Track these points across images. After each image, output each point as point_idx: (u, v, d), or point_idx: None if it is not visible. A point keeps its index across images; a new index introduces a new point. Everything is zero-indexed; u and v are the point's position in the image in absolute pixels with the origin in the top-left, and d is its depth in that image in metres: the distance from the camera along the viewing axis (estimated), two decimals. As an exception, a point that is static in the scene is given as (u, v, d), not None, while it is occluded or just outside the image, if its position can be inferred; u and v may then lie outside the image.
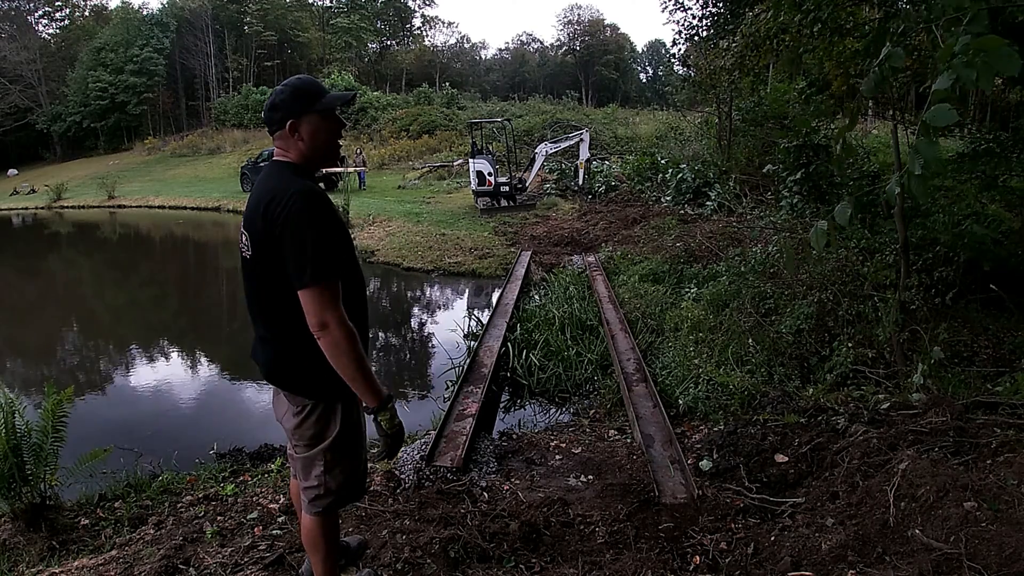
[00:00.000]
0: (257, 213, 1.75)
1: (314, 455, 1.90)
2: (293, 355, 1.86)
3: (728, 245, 7.85)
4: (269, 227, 1.73)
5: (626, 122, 27.02)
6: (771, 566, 2.23)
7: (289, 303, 1.77)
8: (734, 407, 3.85)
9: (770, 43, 5.05)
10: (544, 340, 5.35)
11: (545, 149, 14.48)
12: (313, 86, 1.85)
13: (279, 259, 1.74)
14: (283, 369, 1.89)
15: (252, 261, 1.81)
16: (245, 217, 1.82)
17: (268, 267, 1.78)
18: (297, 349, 1.83)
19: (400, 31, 50.30)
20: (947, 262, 4.45)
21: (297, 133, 1.80)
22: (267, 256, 1.76)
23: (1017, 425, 2.72)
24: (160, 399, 5.51)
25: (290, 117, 1.79)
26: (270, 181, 1.80)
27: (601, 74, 52.12)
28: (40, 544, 2.91)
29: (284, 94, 1.81)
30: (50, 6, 43.59)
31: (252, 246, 1.79)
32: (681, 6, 14.00)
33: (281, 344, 1.88)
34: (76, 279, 12.27)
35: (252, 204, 1.80)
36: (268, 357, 1.91)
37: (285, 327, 1.84)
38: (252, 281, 1.86)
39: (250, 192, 1.86)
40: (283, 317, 1.82)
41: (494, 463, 3.43)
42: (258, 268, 1.80)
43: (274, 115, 1.81)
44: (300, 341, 1.79)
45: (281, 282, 1.76)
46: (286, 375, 1.89)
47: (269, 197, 1.74)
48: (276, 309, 1.83)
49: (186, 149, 33.18)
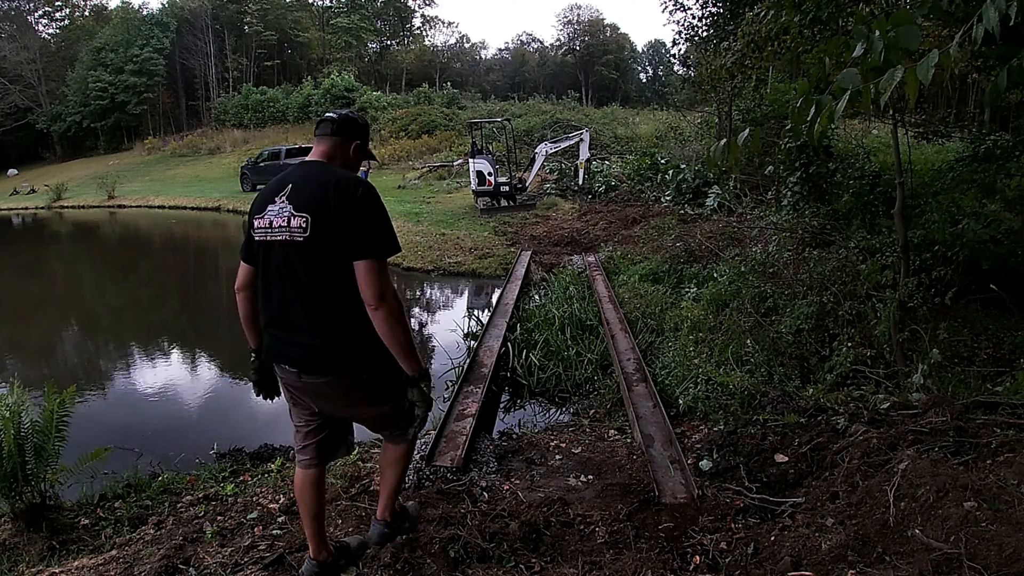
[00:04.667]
0: (323, 196, 1.95)
1: (381, 416, 2.21)
2: (343, 338, 2.01)
3: (728, 245, 7.85)
4: (338, 206, 1.93)
5: (626, 122, 27.02)
6: (771, 566, 2.23)
7: (343, 283, 1.95)
8: (734, 407, 3.85)
9: (771, 44, 5.05)
10: (544, 340, 5.35)
11: (545, 149, 14.48)
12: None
13: (341, 237, 1.93)
14: (329, 353, 2.01)
15: (310, 240, 1.94)
16: (301, 202, 1.97)
17: (326, 243, 1.94)
18: (344, 329, 2.00)
19: (400, 31, 50.29)
20: (946, 262, 4.45)
21: (351, 150, 2.16)
22: (329, 234, 1.93)
23: (1017, 425, 2.72)
24: (160, 399, 5.51)
25: (356, 139, 2.17)
26: (324, 172, 2.04)
27: (601, 74, 52.10)
28: (40, 544, 2.91)
29: (362, 121, 2.22)
30: (50, 6, 43.60)
31: (313, 226, 1.94)
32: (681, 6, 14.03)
33: (331, 328, 2.00)
34: (76, 279, 12.27)
35: (312, 190, 1.98)
36: (311, 347, 2.01)
37: (336, 310, 1.98)
38: (304, 263, 1.97)
39: (293, 184, 2.02)
40: (335, 300, 1.97)
41: (494, 463, 3.43)
42: (316, 246, 1.94)
43: (345, 128, 2.14)
44: (345, 321, 1.99)
45: (335, 259, 1.94)
46: (332, 359, 2.02)
47: (334, 182, 1.97)
48: (330, 291, 1.97)
49: (186, 149, 33.17)
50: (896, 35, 1.48)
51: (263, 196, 2.09)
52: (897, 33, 1.48)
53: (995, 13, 1.35)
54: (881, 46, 1.49)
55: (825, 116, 1.66)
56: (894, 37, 1.48)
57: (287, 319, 2.04)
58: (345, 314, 1.98)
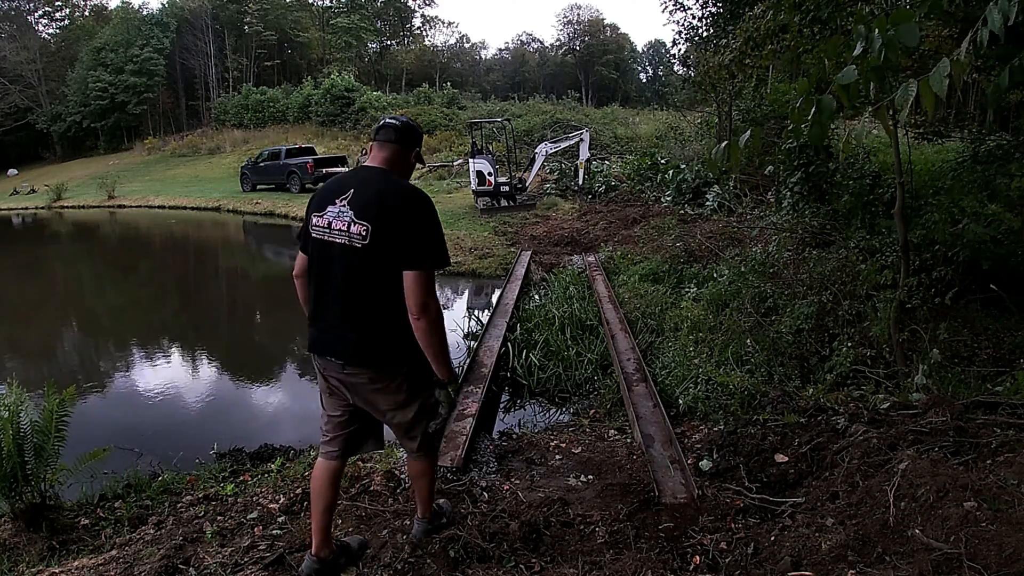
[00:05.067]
0: (381, 204, 2.05)
1: (409, 413, 2.24)
2: (388, 335, 2.14)
3: (728, 245, 7.85)
4: (398, 218, 2.04)
5: (626, 122, 27.01)
6: (771, 566, 2.23)
7: (391, 286, 2.07)
8: (734, 407, 3.85)
9: (771, 43, 5.05)
10: (544, 340, 5.35)
11: (545, 149, 14.48)
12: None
13: (397, 247, 2.04)
14: (376, 349, 2.14)
15: (368, 248, 2.04)
16: (363, 210, 2.06)
17: (383, 252, 2.04)
18: (392, 329, 2.13)
19: (400, 31, 50.30)
20: (947, 262, 4.45)
21: (411, 157, 2.26)
22: (385, 241, 2.04)
23: (1017, 425, 2.72)
24: (160, 399, 5.51)
25: (416, 147, 2.27)
26: (385, 181, 2.14)
27: (601, 74, 52.09)
28: (40, 544, 2.91)
29: (419, 129, 2.32)
30: (50, 6, 43.56)
31: (373, 235, 2.03)
32: (681, 6, 14.05)
33: (378, 326, 2.13)
34: (76, 279, 12.27)
35: (373, 199, 2.07)
36: (359, 341, 2.14)
37: (385, 310, 2.10)
38: (361, 267, 2.07)
39: (355, 190, 2.11)
40: (386, 301, 2.09)
41: (494, 463, 3.43)
42: (374, 253, 2.05)
43: (406, 137, 2.23)
44: (391, 321, 2.12)
45: (391, 266, 2.05)
46: (377, 354, 2.15)
47: (396, 194, 2.08)
48: (382, 293, 2.09)
49: (186, 149, 33.14)
50: (896, 33, 1.49)
51: (323, 194, 2.19)
52: (896, 31, 1.49)
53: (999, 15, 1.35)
54: (880, 44, 1.50)
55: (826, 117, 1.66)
56: (893, 35, 1.49)
57: (337, 315, 2.15)
58: (391, 314, 2.10)
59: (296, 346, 7.28)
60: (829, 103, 1.65)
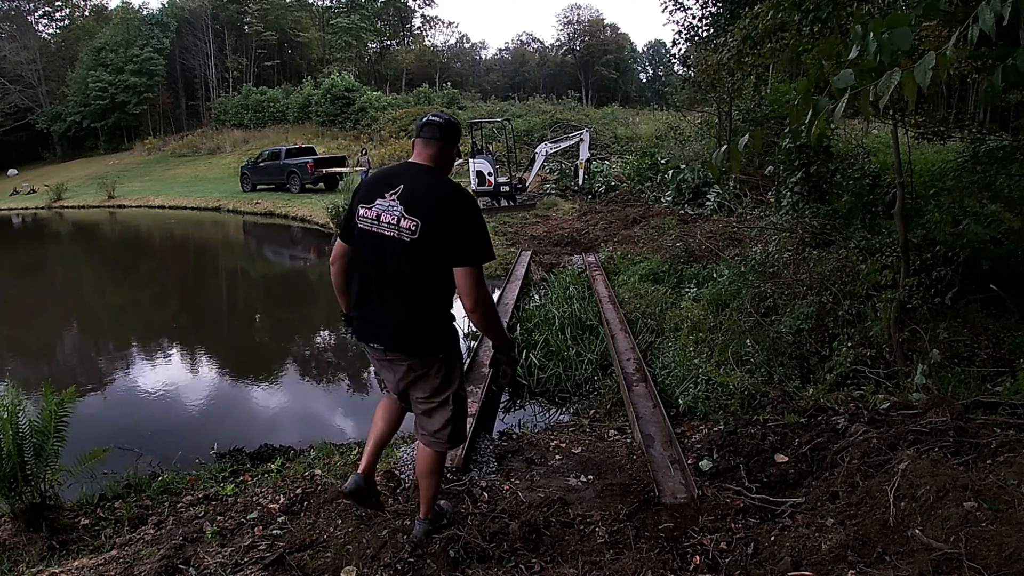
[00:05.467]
0: (434, 204, 2.15)
1: (442, 401, 2.37)
2: (428, 323, 2.27)
3: (728, 245, 7.85)
4: (447, 216, 2.14)
5: (626, 122, 26.99)
6: (771, 566, 2.23)
7: (437, 278, 2.20)
8: (734, 407, 3.85)
9: (769, 41, 5.04)
10: (544, 340, 5.35)
11: (545, 149, 14.48)
12: None
13: (446, 243, 2.14)
14: (416, 336, 2.28)
15: (417, 242, 2.14)
16: (413, 205, 2.16)
17: (431, 247, 2.15)
18: (431, 317, 2.28)
19: (400, 31, 50.28)
20: (947, 262, 4.45)
21: (452, 153, 2.34)
22: (434, 237, 2.14)
23: (1017, 425, 2.72)
24: (160, 399, 5.51)
25: (457, 144, 2.35)
26: (434, 178, 2.24)
27: (601, 74, 52.08)
28: (40, 544, 2.91)
29: (459, 126, 2.37)
30: (50, 6, 43.58)
31: (422, 231, 2.13)
32: (681, 6, 14.05)
33: (419, 314, 2.25)
34: (76, 279, 12.27)
35: (423, 195, 2.17)
36: (400, 328, 2.27)
37: (426, 300, 2.24)
38: (408, 260, 2.17)
39: (404, 185, 2.20)
40: (427, 291, 2.23)
41: (494, 463, 3.43)
42: (422, 248, 2.15)
43: (450, 134, 2.30)
44: (434, 311, 2.27)
45: (437, 260, 2.17)
46: (418, 341, 2.29)
47: (445, 192, 2.19)
48: (425, 284, 2.22)
49: (186, 149, 33.15)
50: (890, 36, 1.51)
51: (371, 187, 2.29)
52: (891, 34, 1.51)
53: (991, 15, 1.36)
54: (875, 47, 1.52)
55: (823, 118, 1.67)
56: (887, 38, 1.51)
57: (381, 304, 2.26)
58: (432, 305, 2.25)
59: (296, 346, 7.28)
60: (825, 105, 1.67)
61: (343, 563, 2.45)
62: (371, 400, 5.59)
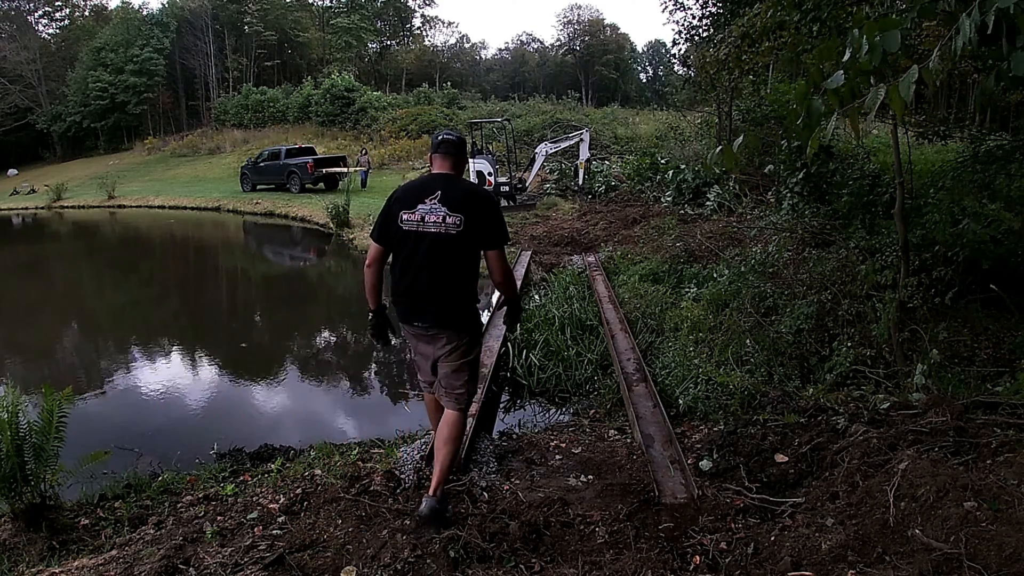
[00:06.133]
0: (469, 202, 2.70)
1: (462, 366, 2.84)
2: (465, 303, 2.81)
3: (728, 245, 7.85)
4: (481, 211, 2.70)
5: (626, 122, 27.00)
6: (771, 566, 2.23)
7: (470, 263, 2.75)
8: (734, 407, 3.85)
9: (768, 39, 5.04)
10: (544, 340, 5.35)
11: (545, 149, 14.48)
12: None
13: (481, 232, 2.69)
14: (456, 314, 2.79)
15: (462, 233, 2.66)
16: (454, 205, 2.66)
17: (471, 236, 2.68)
18: (467, 299, 2.82)
19: (400, 31, 50.26)
20: (946, 262, 4.45)
21: (465, 161, 2.91)
22: (474, 228, 2.67)
23: (1017, 425, 2.72)
24: (160, 399, 5.51)
25: (466, 152, 2.96)
26: (461, 183, 2.83)
27: (601, 74, 52.08)
28: (40, 544, 2.91)
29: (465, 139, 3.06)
30: (50, 6, 43.56)
31: (465, 224, 2.66)
32: (681, 6, 14.04)
33: (460, 298, 2.78)
34: (76, 279, 12.27)
35: (459, 197, 2.69)
36: (444, 309, 2.76)
37: (464, 283, 2.76)
38: (452, 249, 2.68)
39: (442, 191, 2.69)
40: (465, 276, 2.75)
41: (494, 463, 3.42)
42: (465, 238, 2.67)
43: (462, 147, 2.85)
44: (469, 294, 2.82)
45: (473, 247, 2.71)
46: (457, 318, 2.80)
47: (474, 193, 2.84)
48: (464, 269, 2.74)
49: (186, 149, 33.15)
50: (881, 39, 1.56)
51: (410, 194, 2.74)
52: (882, 37, 1.56)
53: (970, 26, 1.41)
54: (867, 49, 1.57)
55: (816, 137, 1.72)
56: (878, 41, 1.56)
57: (428, 288, 2.71)
58: (466, 287, 2.78)
59: (296, 346, 7.28)
60: (818, 107, 1.70)
61: (343, 563, 2.45)
62: (371, 400, 5.59)
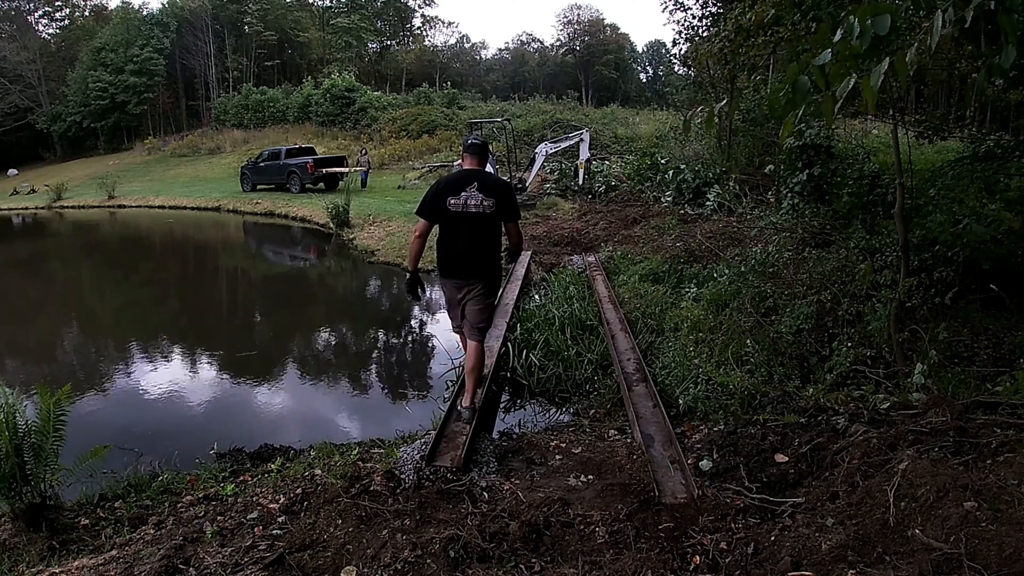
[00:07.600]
0: (497, 188, 3.70)
1: (487, 306, 3.84)
2: (495, 263, 3.84)
3: (728, 245, 7.84)
4: (504, 195, 3.70)
5: (626, 122, 27.00)
6: (771, 566, 2.23)
7: (498, 233, 3.79)
8: (734, 407, 3.85)
9: (763, 34, 5.04)
10: (544, 340, 5.35)
11: (545, 149, 14.46)
12: None
13: (505, 210, 3.69)
14: (489, 268, 3.79)
15: (495, 212, 3.65)
16: (488, 192, 3.63)
17: (499, 213, 3.68)
18: (497, 259, 3.86)
19: (400, 31, 50.24)
20: (947, 262, 4.44)
21: (487, 158, 3.89)
22: (501, 207, 3.66)
23: (1017, 425, 2.72)
24: (160, 399, 5.51)
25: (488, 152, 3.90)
26: (490, 175, 3.85)
27: (601, 74, 52.08)
28: (40, 544, 2.92)
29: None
30: (50, 6, 43.53)
31: (496, 205, 3.64)
32: (681, 6, 14.04)
33: (492, 258, 3.81)
34: (76, 278, 12.27)
35: (491, 185, 3.68)
36: (481, 266, 3.76)
37: (495, 247, 3.80)
38: (486, 224, 3.67)
39: (478, 181, 3.65)
40: (495, 242, 3.79)
41: (494, 463, 3.43)
42: (496, 215, 3.67)
43: (486, 149, 3.82)
44: (494, 254, 3.83)
45: (499, 221, 3.73)
46: (489, 274, 3.80)
47: (500, 182, 3.86)
48: (494, 237, 3.77)
49: (186, 149, 33.14)
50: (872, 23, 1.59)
51: (454, 184, 3.66)
52: (873, 21, 1.60)
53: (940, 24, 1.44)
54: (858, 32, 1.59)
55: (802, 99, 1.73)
56: (868, 24, 1.59)
57: (471, 252, 3.69)
58: (495, 250, 3.81)
59: (296, 346, 7.28)
60: (804, 83, 1.72)
61: (343, 563, 2.45)
62: (371, 400, 5.59)
